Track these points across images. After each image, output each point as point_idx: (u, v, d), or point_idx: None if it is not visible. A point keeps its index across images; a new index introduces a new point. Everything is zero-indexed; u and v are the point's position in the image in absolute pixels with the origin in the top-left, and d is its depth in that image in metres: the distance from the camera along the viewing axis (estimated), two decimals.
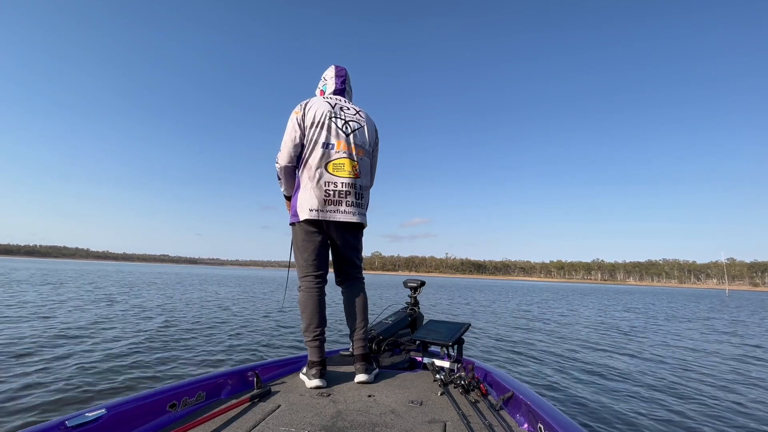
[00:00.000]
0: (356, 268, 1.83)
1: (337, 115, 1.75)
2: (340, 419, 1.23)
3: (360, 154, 1.76)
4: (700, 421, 2.88)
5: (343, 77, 1.93)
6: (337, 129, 1.72)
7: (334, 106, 1.77)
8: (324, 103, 1.77)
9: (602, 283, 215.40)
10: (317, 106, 1.75)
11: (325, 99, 1.81)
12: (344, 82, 1.93)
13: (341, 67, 1.95)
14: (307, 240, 1.70)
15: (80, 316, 6.48)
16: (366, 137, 1.81)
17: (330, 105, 1.77)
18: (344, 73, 1.94)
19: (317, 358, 1.62)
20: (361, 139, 1.78)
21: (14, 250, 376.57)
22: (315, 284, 1.72)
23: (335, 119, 1.73)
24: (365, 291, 1.84)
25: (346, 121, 1.76)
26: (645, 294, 38.13)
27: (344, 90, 1.93)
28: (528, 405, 1.26)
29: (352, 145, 1.73)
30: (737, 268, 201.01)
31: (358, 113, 1.84)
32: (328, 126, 1.71)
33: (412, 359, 2.05)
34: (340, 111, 1.78)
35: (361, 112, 1.86)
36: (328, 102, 1.78)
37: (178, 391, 1.29)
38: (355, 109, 1.85)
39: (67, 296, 9.77)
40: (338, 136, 1.71)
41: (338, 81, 1.92)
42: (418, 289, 2.58)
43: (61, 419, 0.98)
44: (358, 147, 1.76)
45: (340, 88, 1.92)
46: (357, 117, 1.81)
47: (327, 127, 1.71)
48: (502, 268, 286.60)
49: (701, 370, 4.57)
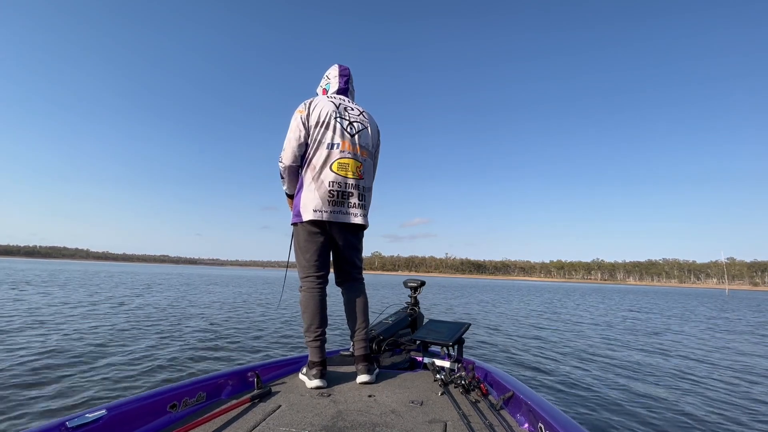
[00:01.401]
0: (357, 268, 1.83)
1: (341, 115, 1.74)
2: (340, 419, 1.23)
3: (364, 155, 1.75)
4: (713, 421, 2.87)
5: (347, 77, 1.92)
6: (342, 129, 1.71)
7: (338, 106, 1.76)
8: (329, 102, 1.75)
9: (602, 282, 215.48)
10: (322, 106, 1.73)
11: (329, 98, 1.79)
12: (348, 81, 1.92)
13: (345, 67, 1.94)
14: (310, 240, 1.69)
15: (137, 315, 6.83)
16: (369, 139, 1.80)
17: (335, 105, 1.75)
18: (348, 73, 1.93)
19: (318, 359, 1.61)
20: (365, 141, 1.77)
21: (14, 250, 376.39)
22: (316, 285, 1.71)
23: (340, 119, 1.72)
24: (365, 291, 1.84)
25: (351, 121, 1.75)
26: (646, 294, 38.12)
27: (347, 90, 1.92)
28: (528, 405, 1.26)
29: (357, 145, 1.72)
30: (737, 268, 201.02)
31: (362, 114, 1.83)
32: (333, 126, 1.70)
33: (413, 359, 2.06)
34: (345, 111, 1.76)
35: (364, 113, 1.85)
36: (332, 101, 1.76)
37: (178, 391, 1.29)
38: (359, 110, 1.83)
39: (101, 297, 9.88)
40: (343, 136, 1.69)
41: (342, 80, 1.91)
42: (418, 289, 2.58)
43: (61, 420, 0.97)
44: (363, 148, 1.75)
45: (344, 88, 1.91)
46: (361, 118, 1.80)
47: (332, 128, 1.70)
48: (502, 268, 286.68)
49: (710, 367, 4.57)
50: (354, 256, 1.80)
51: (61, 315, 6.61)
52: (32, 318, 6.11)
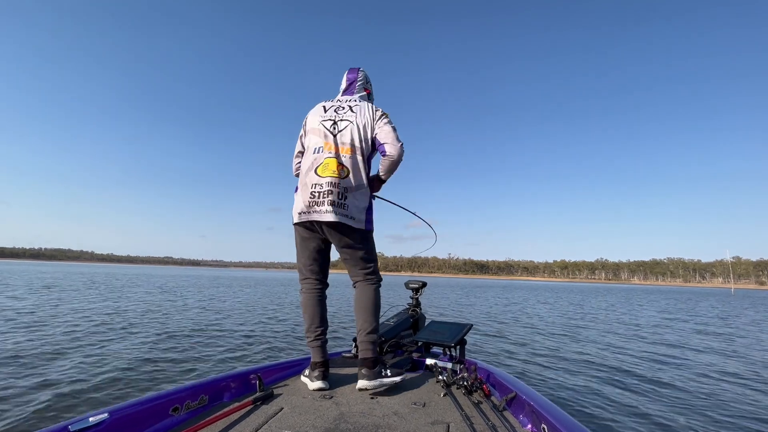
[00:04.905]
0: (363, 268, 1.77)
1: (329, 117, 1.77)
2: (342, 421, 1.23)
3: (347, 152, 1.70)
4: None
5: (351, 78, 1.96)
6: (326, 131, 1.73)
7: (328, 109, 1.80)
8: (319, 107, 1.83)
9: (606, 282, 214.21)
10: (312, 113, 1.82)
11: (324, 103, 1.85)
12: (351, 81, 1.96)
13: (353, 69, 1.99)
14: (302, 244, 1.75)
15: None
16: (355, 133, 1.72)
17: (324, 108, 1.81)
18: (353, 74, 1.97)
19: (319, 359, 1.62)
20: (349, 137, 1.71)
21: (19, 253, 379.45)
22: (311, 286, 1.75)
23: (325, 122, 1.76)
24: (375, 292, 1.76)
25: (335, 121, 1.76)
26: (661, 293, 37.84)
27: (349, 89, 1.95)
28: (531, 406, 1.25)
29: (339, 144, 1.70)
30: (743, 267, 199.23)
31: (351, 109, 1.79)
32: (318, 130, 1.74)
33: (415, 360, 2.05)
34: (335, 112, 1.78)
35: (355, 107, 1.80)
36: (324, 105, 1.83)
37: (180, 394, 1.29)
38: (349, 106, 1.81)
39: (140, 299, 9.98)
40: (326, 137, 1.71)
41: (345, 81, 1.97)
42: (420, 290, 2.57)
43: (64, 424, 0.98)
44: (345, 145, 1.70)
45: (346, 88, 1.96)
46: (348, 114, 1.77)
47: (317, 132, 1.74)
48: (506, 268, 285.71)
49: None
50: (354, 256, 1.76)
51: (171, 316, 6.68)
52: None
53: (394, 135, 1.74)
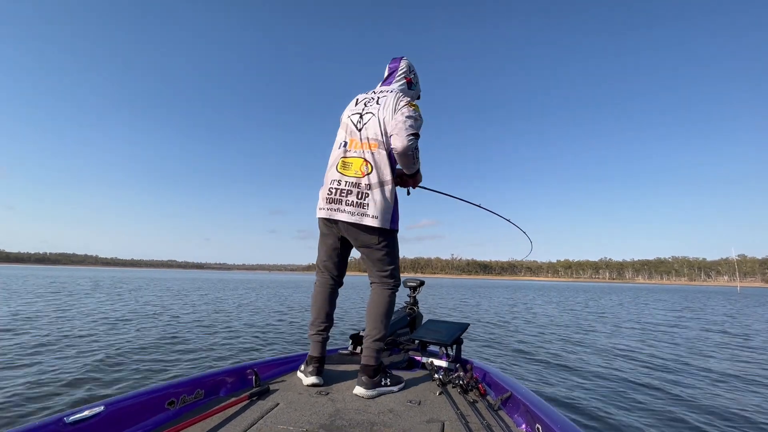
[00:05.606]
0: (379, 270, 1.69)
1: (358, 110, 1.72)
2: (338, 418, 1.23)
3: (373, 147, 1.62)
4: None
5: (392, 67, 1.89)
6: (353, 126, 1.68)
7: (359, 102, 1.76)
8: (353, 101, 1.80)
9: (611, 281, 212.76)
10: (347, 108, 1.78)
11: (360, 95, 1.82)
12: (392, 71, 1.89)
13: (395, 58, 1.92)
14: (321, 239, 1.74)
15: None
16: (378, 126, 1.64)
17: (356, 101, 1.77)
18: (395, 63, 1.90)
19: (316, 354, 1.62)
20: (372, 131, 1.64)
21: (25, 257, 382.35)
22: (326, 282, 1.75)
23: (353, 115, 1.72)
24: (389, 297, 1.68)
25: (361, 114, 1.69)
26: (658, 292, 37.55)
27: (388, 79, 1.88)
28: (526, 405, 1.25)
29: (364, 140, 1.64)
30: (749, 265, 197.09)
31: (377, 101, 1.71)
32: (345, 125, 1.72)
33: (411, 359, 2.05)
34: (365, 105, 1.72)
35: (381, 99, 1.71)
36: (357, 98, 1.80)
37: (176, 388, 1.30)
38: (378, 97, 1.73)
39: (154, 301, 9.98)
40: (352, 133, 1.67)
41: (387, 71, 1.90)
42: (418, 289, 2.58)
43: (59, 416, 0.98)
44: (371, 140, 1.63)
45: (386, 78, 1.89)
46: (373, 107, 1.69)
47: (345, 126, 1.72)
48: (509, 268, 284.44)
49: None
50: (371, 257, 1.68)
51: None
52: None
53: (404, 126, 1.57)
